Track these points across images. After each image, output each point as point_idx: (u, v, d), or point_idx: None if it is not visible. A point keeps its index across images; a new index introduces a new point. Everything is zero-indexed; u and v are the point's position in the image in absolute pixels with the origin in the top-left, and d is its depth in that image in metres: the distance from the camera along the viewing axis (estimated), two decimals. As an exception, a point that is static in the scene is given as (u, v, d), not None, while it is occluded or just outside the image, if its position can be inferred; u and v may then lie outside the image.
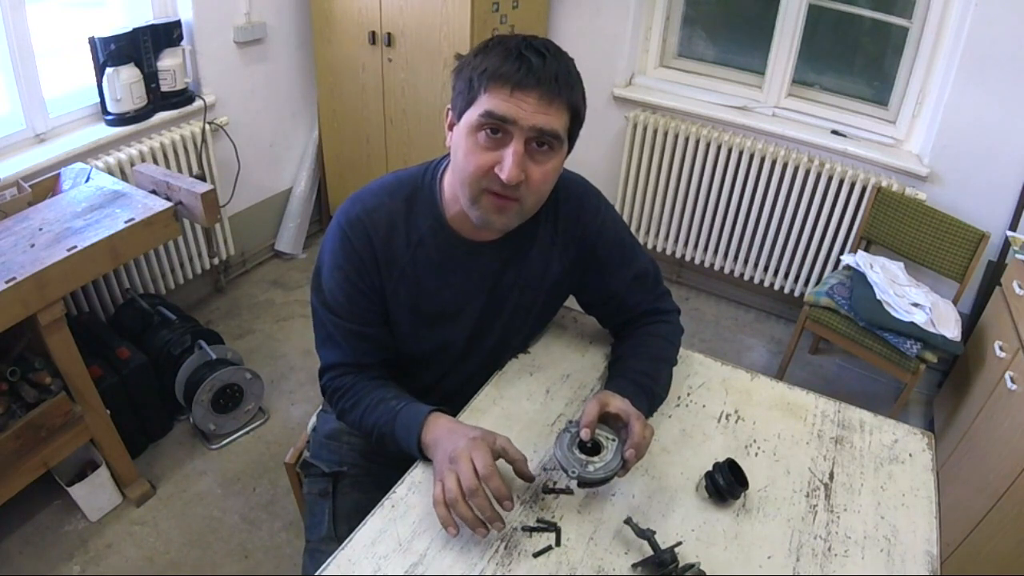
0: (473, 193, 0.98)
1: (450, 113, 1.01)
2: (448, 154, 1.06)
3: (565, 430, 0.98)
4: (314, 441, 1.33)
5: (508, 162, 0.92)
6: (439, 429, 1.00)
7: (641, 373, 1.11)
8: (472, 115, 0.94)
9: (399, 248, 1.08)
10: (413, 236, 1.08)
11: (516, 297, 1.16)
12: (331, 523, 1.19)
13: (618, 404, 0.98)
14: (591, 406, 0.97)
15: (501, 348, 1.23)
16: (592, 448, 0.96)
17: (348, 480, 1.24)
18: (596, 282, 1.19)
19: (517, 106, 0.91)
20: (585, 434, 0.95)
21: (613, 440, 0.97)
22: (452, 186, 1.05)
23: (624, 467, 0.94)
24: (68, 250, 1.61)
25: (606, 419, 0.99)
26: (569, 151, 1.01)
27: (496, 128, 0.93)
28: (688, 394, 1.21)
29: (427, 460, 1.01)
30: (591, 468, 0.93)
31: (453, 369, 1.22)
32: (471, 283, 1.12)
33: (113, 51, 2.18)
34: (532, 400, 1.17)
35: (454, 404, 1.16)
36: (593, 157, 3.00)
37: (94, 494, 1.90)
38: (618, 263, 1.18)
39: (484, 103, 0.92)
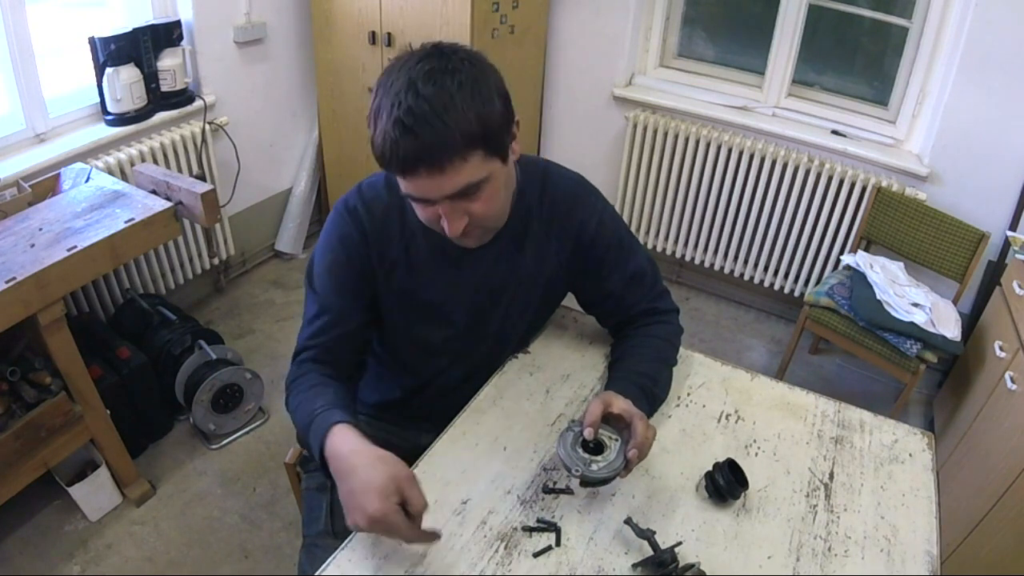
0: (439, 231, 1.00)
1: None
2: None
3: (568, 429, 0.98)
4: None
5: (445, 224, 0.95)
6: (347, 444, 0.93)
7: (642, 375, 1.11)
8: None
9: (393, 239, 1.09)
10: (407, 230, 1.09)
11: (511, 294, 1.16)
12: (328, 518, 1.19)
13: (621, 405, 0.98)
14: (594, 406, 0.97)
15: (499, 345, 1.23)
16: (595, 448, 0.96)
17: None
18: (593, 281, 1.19)
19: (417, 187, 0.91)
20: (589, 433, 0.95)
21: (616, 440, 0.97)
22: None
23: (627, 467, 0.94)
24: (68, 250, 1.61)
25: (608, 419, 0.99)
26: (506, 159, 0.97)
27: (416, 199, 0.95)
28: (688, 394, 1.21)
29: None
30: (594, 467, 0.93)
31: (451, 365, 1.22)
32: (463, 279, 1.13)
33: (113, 51, 2.18)
34: (532, 400, 1.17)
35: (454, 399, 1.16)
36: (593, 157, 3.00)
37: (94, 494, 1.90)
38: (615, 262, 1.17)
39: (399, 182, 0.94)
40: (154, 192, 1.92)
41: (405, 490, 0.86)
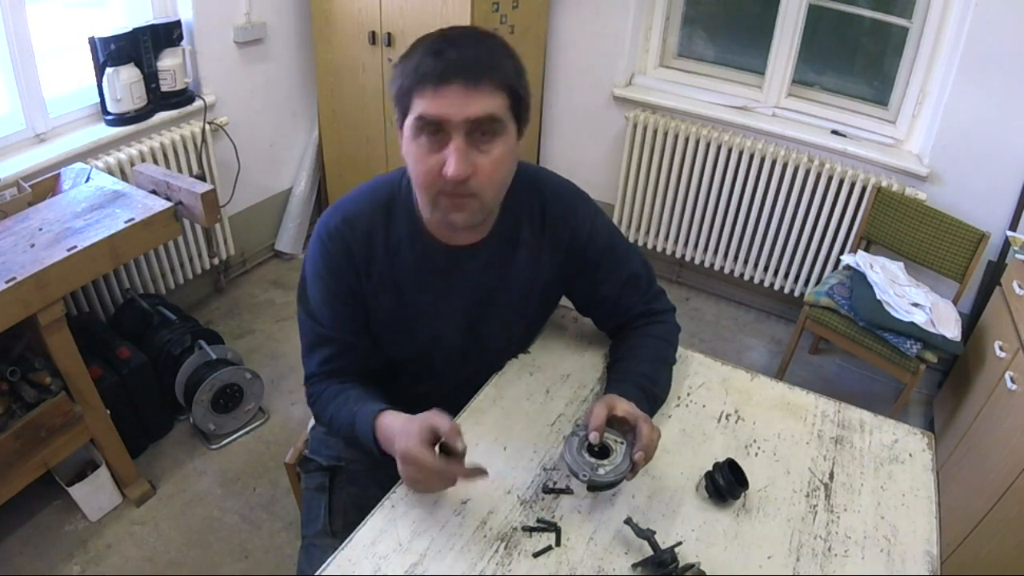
0: (430, 197, 0.97)
1: (397, 127, 1.01)
2: None
3: (573, 434, 0.98)
4: (313, 438, 1.34)
5: (450, 160, 0.91)
6: (389, 431, 1.00)
7: (641, 376, 1.11)
8: (410, 121, 0.94)
9: (378, 255, 1.08)
10: (392, 243, 1.08)
11: (503, 301, 1.15)
12: (327, 518, 1.19)
13: (624, 407, 0.98)
14: (599, 409, 0.97)
15: (494, 353, 1.23)
16: (600, 451, 0.96)
17: (345, 475, 1.25)
18: (588, 286, 1.19)
19: (444, 102, 0.90)
20: (595, 437, 0.95)
21: (621, 443, 0.97)
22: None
23: (633, 469, 0.94)
24: (68, 250, 1.61)
25: (612, 422, 0.98)
26: (521, 133, 1.00)
27: (434, 130, 0.92)
28: (688, 394, 1.21)
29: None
30: (601, 471, 0.93)
31: (445, 375, 1.22)
32: (452, 288, 1.12)
33: (113, 51, 2.18)
34: (532, 400, 1.17)
35: (452, 403, 1.16)
36: (593, 157, 3.00)
37: (94, 494, 1.90)
38: (609, 267, 1.17)
39: (416, 108, 0.92)
40: (154, 192, 1.92)
41: (431, 422, 0.93)
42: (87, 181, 1.94)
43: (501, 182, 1.00)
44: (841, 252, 2.63)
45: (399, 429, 0.96)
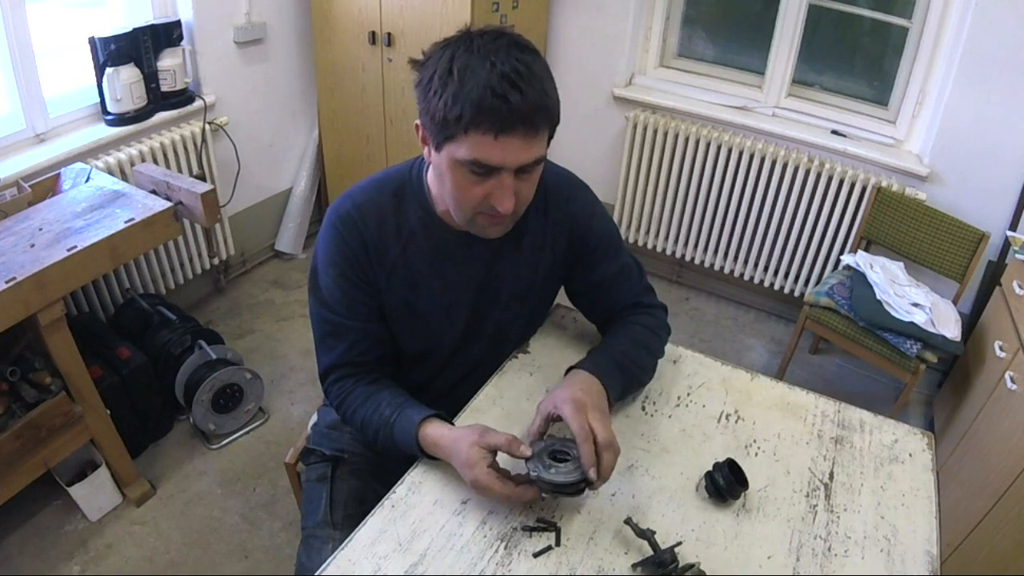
0: (467, 216, 1.01)
1: (421, 129, 0.99)
2: None
3: (550, 434, 1.00)
4: (315, 432, 1.34)
5: (502, 198, 0.94)
6: (436, 438, 0.99)
7: (621, 352, 1.12)
8: (457, 153, 0.92)
9: (390, 241, 1.09)
10: (404, 229, 1.09)
11: (511, 286, 1.17)
12: (328, 508, 1.19)
13: (568, 412, 0.95)
14: (538, 421, 1.00)
15: (499, 340, 1.24)
16: (563, 457, 0.95)
17: (347, 467, 1.25)
18: (584, 270, 1.20)
19: (503, 150, 0.90)
20: (524, 451, 0.94)
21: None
22: (437, 188, 1.06)
23: (590, 485, 0.92)
24: (68, 250, 1.61)
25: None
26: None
27: (485, 171, 0.93)
28: (688, 394, 1.21)
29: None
30: (552, 471, 0.92)
31: (451, 362, 1.22)
32: (463, 274, 1.13)
33: (113, 51, 2.18)
34: (532, 400, 1.17)
35: (453, 398, 1.17)
36: (593, 157, 3.00)
37: (94, 494, 1.90)
38: (604, 254, 1.19)
39: (468, 148, 0.90)
40: (154, 192, 1.92)
41: (489, 444, 0.93)
42: (87, 181, 1.94)
43: (532, 196, 1.03)
44: (841, 252, 2.63)
45: (451, 450, 0.97)
